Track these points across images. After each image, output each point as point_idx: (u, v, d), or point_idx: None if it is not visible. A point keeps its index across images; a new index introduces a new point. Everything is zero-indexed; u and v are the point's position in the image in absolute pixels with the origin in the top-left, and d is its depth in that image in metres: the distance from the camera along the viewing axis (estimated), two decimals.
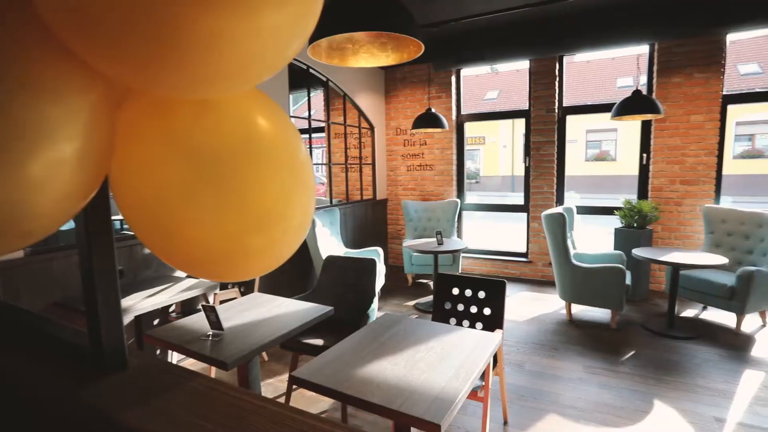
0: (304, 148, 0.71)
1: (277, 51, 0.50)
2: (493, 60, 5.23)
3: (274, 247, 0.67)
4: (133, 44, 0.46)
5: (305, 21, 0.50)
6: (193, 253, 0.63)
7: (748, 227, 3.98)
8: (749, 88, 15.02)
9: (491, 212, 12.36)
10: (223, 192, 0.59)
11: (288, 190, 0.65)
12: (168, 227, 0.63)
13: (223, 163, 0.59)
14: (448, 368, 1.58)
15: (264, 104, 0.66)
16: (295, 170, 0.66)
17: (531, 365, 3.18)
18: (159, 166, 0.62)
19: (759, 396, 2.73)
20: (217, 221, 0.60)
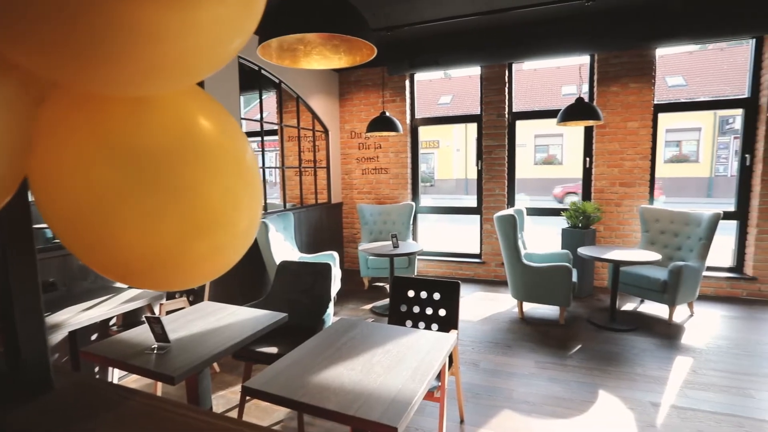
0: (250, 149, 0.68)
1: (217, 46, 0.47)
2: (447, 65, 5.35)
3: (219, 253, 0.63)
4: (55, 33, 0.42)
5: (246, 16, 0.47)
6: (129, 261, 0.58)
7: (677, 226, 4.31)
8: (675, 99, 16.35)
9: (446, 215, 12.64)
10: (160, 195, 0.55)
11: (234, 192, 0.61)
12: (99, 233, 0.58)
13: (160, 164, 0.55)
14: (405, 370, 1.58)
15: (206, 103, 0.63)
16: (241, 172, 0.62)
17: (486, 363, 3.26)
18: (88, 168, 0.56)
19: (688, 380, 2.96)
20: (155, 226, 0.55)
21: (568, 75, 18.70)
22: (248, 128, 6.17)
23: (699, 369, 3.12)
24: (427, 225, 11.69)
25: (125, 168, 0.54)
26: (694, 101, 5.18)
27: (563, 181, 18.04)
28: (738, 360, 3.25)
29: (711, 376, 3.02)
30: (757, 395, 2.76)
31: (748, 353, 3.36)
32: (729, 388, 2.86)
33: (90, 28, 0.41)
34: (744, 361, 3.24)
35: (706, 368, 3.13)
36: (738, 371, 3.08)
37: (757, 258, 4.58)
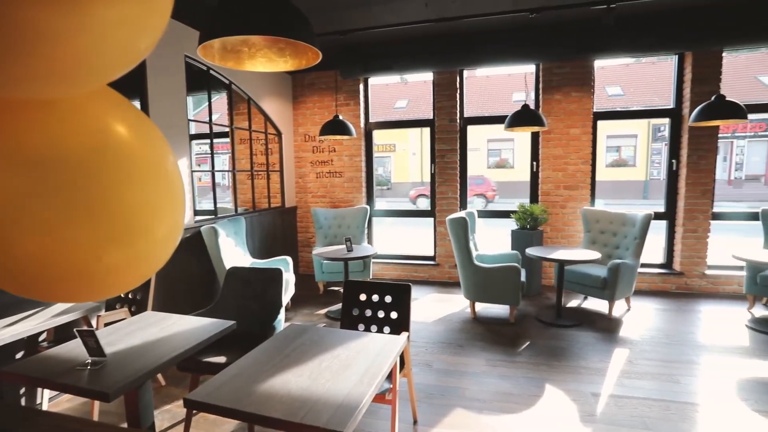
0: (172, 156, 0.65)
1: (122, 46, 0.45)
2: (400, 71, 5.42)
3: (137, 262, 0.60)
4: None
5: (151, 15, 0.46)
6: (30, 271, 0.54)
7: (615, 226, 4.60)
8: (615, 107, 17.48)
9: (402, 218, 12.74)
10: (68, 203, 0.51)
11: (152, 200, 0.59)
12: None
13: (68, 171, 0.51)
14: (353, 374, 1.58)
15: (122, 109, 0.60)
16: (161, 179, 0.60)
17: (439, 364, 3.32)
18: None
19: (625, 370, 3.16)
20: (61, 235, 0.52)
21: (518, 82, 19.49)
22: (197, 130, 5.94)
23: (634, 359, 3.34)
24: (383, 228, 11.77)
25: (27, 174, 0.50)
26: (628, 110, 5.58)
27: (514, 185, 18.73)
28: (668, 349, 3.51)
29: (644, 365, 3.24)
30: (682, 380, 3.00)
31: (677, 342, 3.63)
32: (660, 375, 3.07)
33: None
34: (673, 349, 3.50)
35: (640, 358, 3.35)
36: (667, 359, 3.32)
37: (683, 255, 4.97)
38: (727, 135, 19.82)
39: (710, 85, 4.67)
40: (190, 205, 3.88)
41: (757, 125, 19.30)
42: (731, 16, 4.27)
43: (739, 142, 20.00)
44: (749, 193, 17.95)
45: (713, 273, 4.94)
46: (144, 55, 0.50)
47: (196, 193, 6.22)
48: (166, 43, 3.65)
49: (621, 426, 2.49)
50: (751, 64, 17.70)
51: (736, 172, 20.12)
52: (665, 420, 2.55)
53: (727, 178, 19.97)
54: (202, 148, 17.16)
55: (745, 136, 19.76)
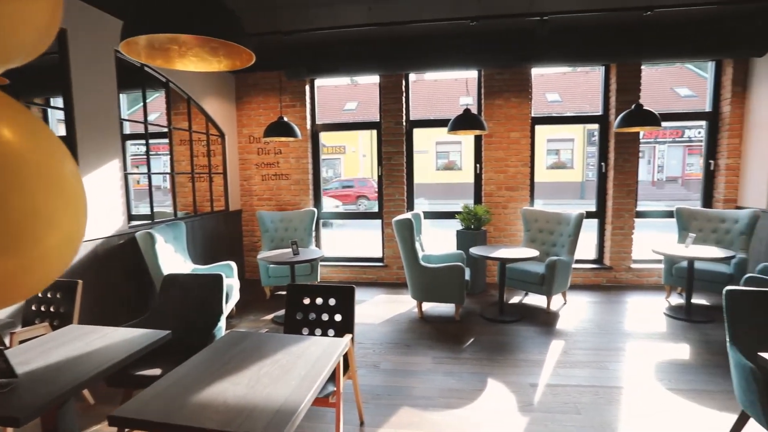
0: (70, 161, 0.61)
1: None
2: (346, 73, 5.43)
3: (23, 273, 0.56)
4: None
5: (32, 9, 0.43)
6: None
7: (552, 225, 4.87)
8: (554, 113, 18.51)
9: (352, 220, 12.75)
10: None
11: (42, 207, 0.55)
12: None
13: None
14: (293, 379, 1.56)
15: (9, 111, 0.55)
16: (54, 185, 0.56)
17: (386, 364, 3.35)
18: None
19: (560, 360, 3.35)
20: None
21: (469, 85, 20.14)
22: (132, 130, 5.60)
23: (569, 350, 3.55)
24: (332, 231, 11.69)
25: None
26: (562, 116, 5.97)
27: (462, 186, 19.29)
28: (598, 338, 3.76)
29: (578, 354, 3.45)
30: (610, 366, 3.23)
31: (606, 332, 3.91)
32: (590, 363, 3.29)
33: None
34: (602, 338, 3.76)
35: (574, 348, 3.57)
36: (597, 348, 3.57)
37: (612, 250, 5.36)
38: (650, 140, 21.61)
39: (632, 94, 5.08)
40: (122, 210, 3.65)
41: (674, 132, 21.16)
42: (648, 34, 4.66)
43: (660, 146, 21.85)
44: (669, 193, 19.67)
45: (637, 266, 5.37)
46: (30, 51, 0.47)
47: (132, 197, 5.88)
48: (93, 36, 3.42)
49: (555, 413, 2.64)
50: (668, 77, 19.42)
51: (658, 174, 21.95)
52: (594, 404, 2.73)
53: (651, 179, 21.76)
54: (141, 149, 16.20)
55: (665, 141, 21.60)
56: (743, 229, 4.48)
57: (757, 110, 4.88)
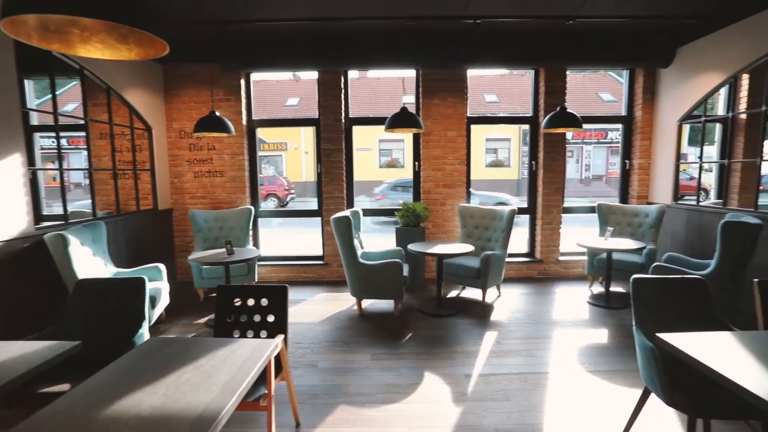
0: None
1: None
2: (283, 67, 5.29)
3: None
4: None
5: None
6: None
7: (487, 221, 5.07)
8: (492, 113, 19.29)
9: (295, 218, 12.48)
10: None
11: None
12: None
13: None
14: (216, 385, 1.49)
15: None
16: None
17: (324, 363, 3.32)
18: None
19: (493, 350, 3.50)
20: None
21: (408, 84, 20.42)
22: (41, 120, 5.07)
23: (502, 340, 3.72)
24: (272, 229, 11.37)
25: None
26: (496, 116, 6.23)
27: (403, 183, 19.56)
28: (528, 328, 3.98)
29: (510, 344, 3.63)
30: (538, 354, 3.42)
31: (536, 321, 4.14)
32: (520, 351, 3.47)
33: None
34: (532, 328, 3.98)
35: (507, 338, 3.75)
36: (528, 337, 3.77)
37: (542, 244, 5.69)
38: (578, 141, 23.20)
39: (558, 97, 5.40)
40: (27, 210, 3.30)
41: (599, 133, 22.87)
42: (572, 42, 4.97)
43: (587, 147, 23.53)
44: (595, 190, 21.22)
45: (565, 259, 5.74)
46: None
47: (44, 195, 5.34)
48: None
49: (487, 401, 2.76)
50: (593, 83, 20.94)
51: (585, 172, 23.64)
52: (523, 390, 2.88)
53: (579, 177, 23.38)
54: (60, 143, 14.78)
55: (591, 142, 23.29)
56: (652, 223, 4.93)
57: (662, 115, 5.39)
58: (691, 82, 4.88)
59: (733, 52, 4.31)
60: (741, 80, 4.46)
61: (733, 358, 1.61)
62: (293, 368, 3.23)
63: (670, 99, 5.24)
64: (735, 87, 4.52)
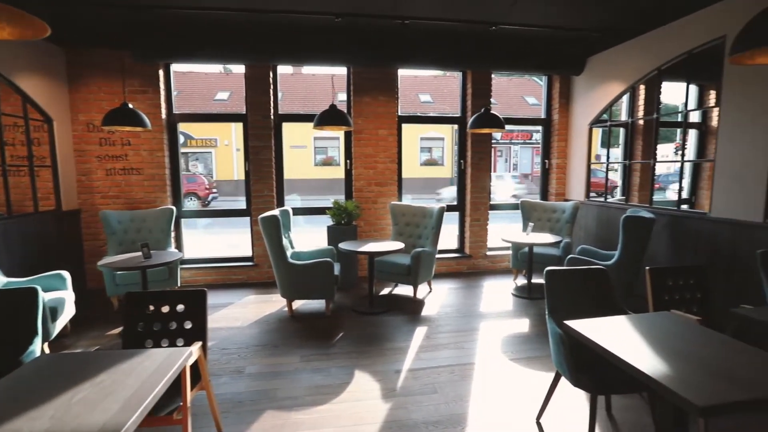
0: None
1: None
2: (208, 59, 4.99)
3: None
4: None
5: None
6: None
7: (417, 218, 5.18)
8: (426, 112, 19.77)
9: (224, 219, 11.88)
10: None
11: None
12: None
13: None
14: (115, 401, 1.36)
15: None
16: None
17: (251, 368, 3.19)
18: None
19: (423, 345, 3.58)
20: None
21: (340, 83, 20.29)
22: None
23: (431, 334, 3.81)
24: (197, 230, 10.78)
25: None
26: (427, 116, 6.34)
27: (340, 182, 19.47)
28: (457, 321, 4.12)
29: (439, 338, 3.73)
30: (465, 346, 3.56)
31: (464, 315, 4.30)
32: (449, 344, 3.58)
33: None
34: (461, 321, 4.12)
35: (436, 333, 3.85)
36: (456, 330, 3.90)
37: (471, 240, 5.93)
38: (506, 141, 24.54)
39: (484, 99, 5.65)
40: None
41: (525, 135, 24.33)
42: (496, 47, 5.21)
43: (515, 147, 24.96)
44: (522, 188, 22.55)
45: (492, 253, 6.03)
46: None
47: None
48: None
49: (416, 395, 2.81)
50: (520, 87, 22.24)
51: (514, 171, 25.07)
52: (450, 382, 2.97)
53: (508, 175, 24.74)
54: None
55: (518, 142, 24.73)
56: (568, 218, 5.32)
57: (576, 119, 5.84)
58: (599, 90, 5.33)
59: (632, 64, 4.77)
60: (639, 90, 4.95)
61: (624, 339, 1.77)
62: (218, 375, 3.07)
63: (582, 104, 5.69)
64: (634, 96, 5.01)
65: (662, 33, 4.36)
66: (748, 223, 3.49)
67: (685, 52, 4.08)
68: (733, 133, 3.63)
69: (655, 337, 1.80)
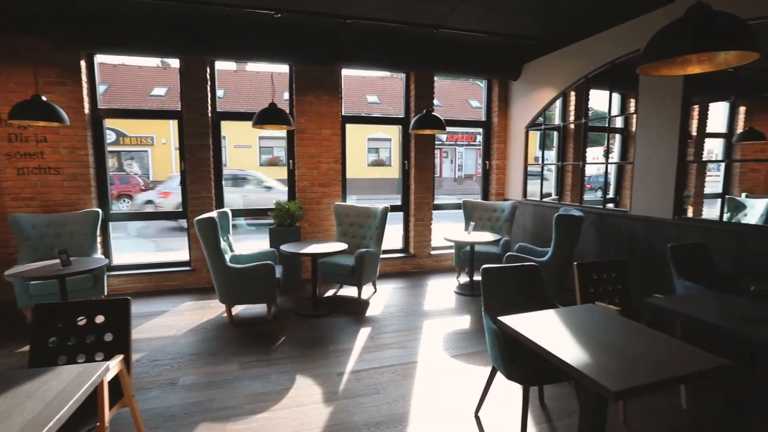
0: None
1: None
2: (138, 52, 4.66)
3: None
4: None
5: None
6: None
7: (363, 218, 5.17)
8: (373, 113, 19.83)
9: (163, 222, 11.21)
10: None
11: None
12: None
13: None
14: (11, 428, 1.22)
15: None
16: None
17: (186, 379, 3.02)
18: None
19: (366, 346, 3.57)
20: None
21: (283, 81, 19.86)
22: None
23: (375, 335, 3.81)
24: (128, 235, 10.10)
25: None
26: (371, 116, 6.36)
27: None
28: (401, 321, 4.15)
29: (382, 338, 3.74)
30: (409, 345, 3.59)
31: (408, 314, 4.34)
32: (392, 344, 3.60)
33: None
34: (404, 320, 4.16)
35: (380, 333, 3.85)
36: (400, 329, 3.93)
37: (415, 240, 6.01)
38: (452, 143, 25.22)
39: (427, 100, 5.75)
40: None
41: (470, 137, 25.14)
42: (438, 50, 5.31)
43: (459, 149, 25.71)
44: (467, 188, 23.27)
45: (436, 253, 6.15)
46: None
47: None
48: None
49: (358, 396, 2.79)
50: (464, 90, 22.94)
51: (459, 172, 25.81)
52: (393, 381, 2.98)
53: (453, 176, 25.43)
54: None
55: (463, 144, 25.50)
56: (507, 217, 5.55)
57: (514, 122, 6.10)
58: (534, 95, 5.61)
59: (563, 72, 5.06)
60: (570, 96, 5.27)
61: (551, 332, 1.86)
62: (147, 390, 2.88)
63: (519, 108, 5.95)
64: (565, 101, 5.32)
65: (590, 43, 4.66)
66: (661, 220, 3.82)
67: (609, 62, 4.39)
68: (648, 138, 3.95)
69: (579, 329, 1.91)
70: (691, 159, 3.86)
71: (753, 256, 3.15)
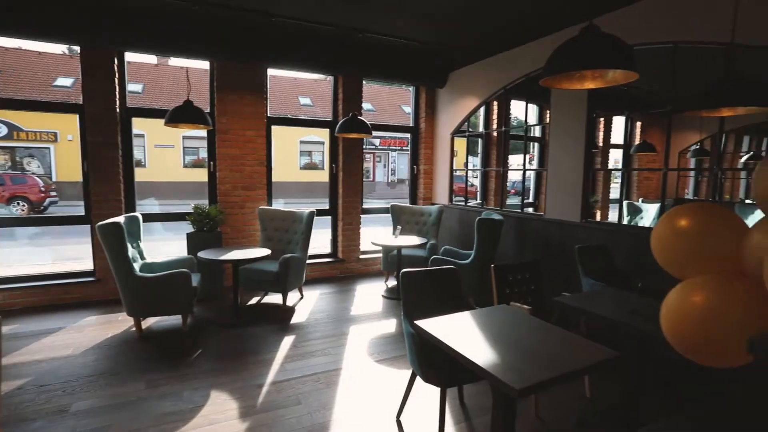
0: None
1: None
2: (27, 35, 4.12)
3: None
4: None
5: None
6: None
7: (287, 223, 5.02)
8: (298, 115, 19.45)
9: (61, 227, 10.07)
10: None
11: None
12: None
13: None
14: None
15: None
16: None
17: (80, 404, 2.69)
18: None
19: (289, 355, 3.44)
20: None
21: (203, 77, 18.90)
22: None
23: (299, 343, 3.69)
24: (19, 242, 8.96)
25: None
26: (298, 118, 6.23)
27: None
28: (327, 327, 4.07)
29: (307, 346, 3.63)
30: (333, 351, 3.52)
31: (335, 320, 4.27)
32: (316, 352, 3.51)
33: None
34: (330, 326, 4.08)
35: (304, 341, 3.74)
36: (325, 336, 3.84)
37: (344, 244, 5.96)
38: (385, 147, 25.55)
39: (355, 104, 5.74)
40: None
41: (402, 142, 25.63)
42: (366, 55, 5.32)
43: (392, 153, 26.12)
44: (399, 192, 23.68)
45: (365, 257, 6.14)
46: None
47: None
48: None
49: (278, 409, 2.67)
50: (397, 96, 23.36)
51: (392, 176, 26.19)
52: (315, 390, 2.90)
53: (386, 180, 25.76)
54: None
55: (396, 149, 25.93)
56: (434, 221, 5.68)
57: (440, 128, 6.29)
58: (459, 102, 5.82)
59: (485, 82, 5.31)
60: (492, 105, 5.54)
61: (465, 334, 1.90)
62: (30, 421, 2.52)
63: (445, 115, 6.15)
64: (488, 110, 5.59)
65: (508, 56, 4.92)
66: (571, 223, 4.13)
67: (524, 75, 4.67)
68: (559, 147, 4.25)
69: (491, 329, 1.97)
70: (597, 167, 4.22)
71: (646, 255, 3.49)
